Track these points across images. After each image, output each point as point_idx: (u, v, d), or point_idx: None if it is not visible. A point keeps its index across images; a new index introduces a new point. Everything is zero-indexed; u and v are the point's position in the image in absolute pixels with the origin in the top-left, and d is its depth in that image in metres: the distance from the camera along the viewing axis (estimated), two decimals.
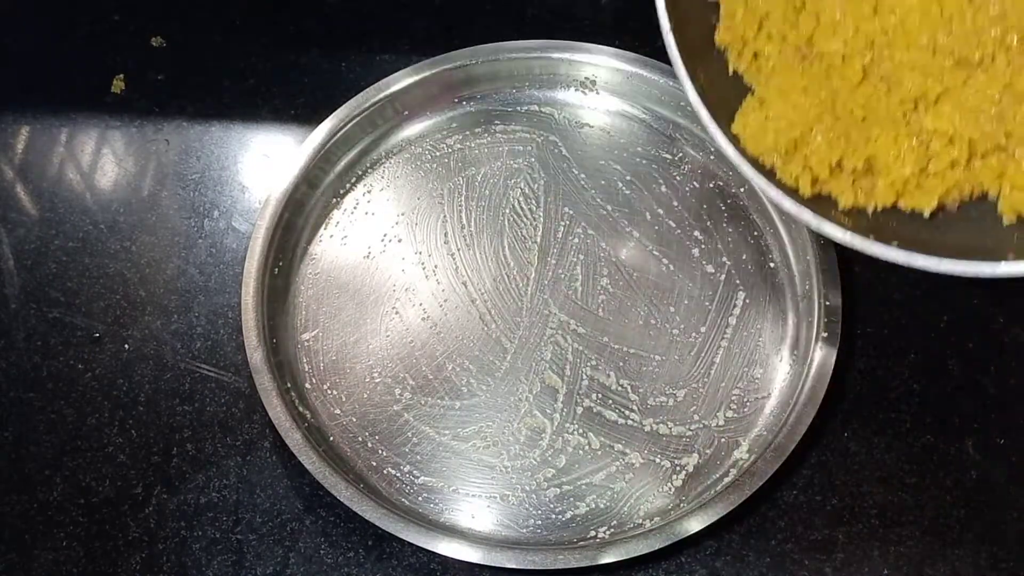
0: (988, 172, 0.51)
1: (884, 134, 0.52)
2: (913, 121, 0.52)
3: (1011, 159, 0.50)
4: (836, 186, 0.53)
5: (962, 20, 0.51)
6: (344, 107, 0.70)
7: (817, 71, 0.54)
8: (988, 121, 0.50)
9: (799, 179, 0.53)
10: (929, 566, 0.60)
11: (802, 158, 0.53)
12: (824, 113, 0.53)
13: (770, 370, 0.64)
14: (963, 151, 0.50)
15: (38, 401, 0.64)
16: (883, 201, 0.52)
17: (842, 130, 0.53)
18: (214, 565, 0.59)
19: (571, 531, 0.59)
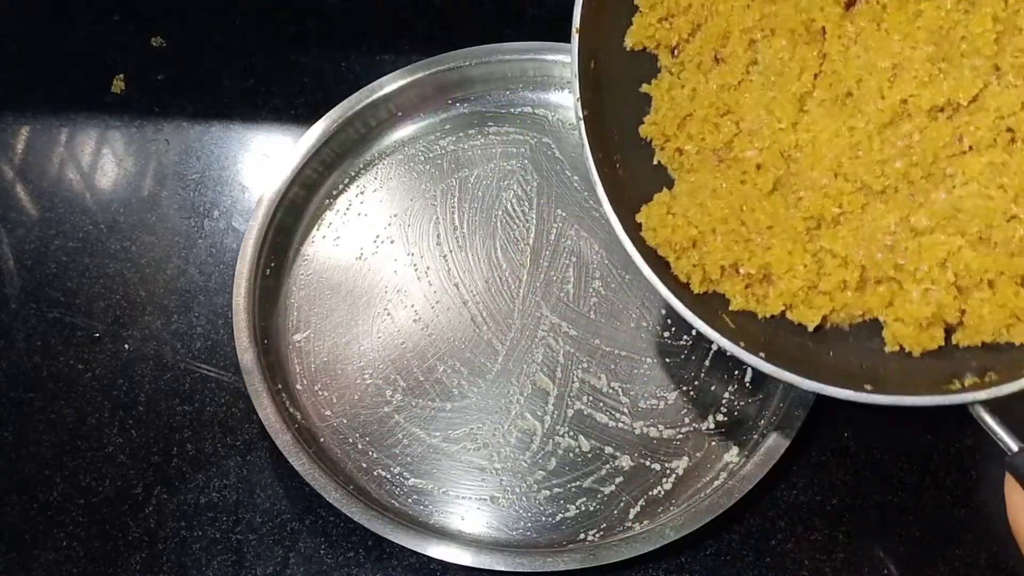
0: (878, 299, 0.51)
1: (781, 246, 0.52)
2: (813, 238, 0.53)
3: (900, 291, 0.51)
4: (729, 287, 0.54)
5: (869, 148, 0.51)
6: (337, 108, 0.71)
7: (731, 175, 0.55)
8: (880, 250, 0.51)
9: (691, 275, 0.54)
10: (929, 566, 0.60)
11: (697, 256, 0.54)
12: (730, 217, 0.53)
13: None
14: (854, 275, 0.51)
15: (38, 401, 0.65)
16: (772, 309, 0.53)
17: (744, 235, 0.53)
18: (214, 565, 0.60)
19: (561, 533, 0.60)
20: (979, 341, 0.50)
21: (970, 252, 0.49)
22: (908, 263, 0.50)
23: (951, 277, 0.49)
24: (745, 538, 0.61)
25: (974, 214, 0.49)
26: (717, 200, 0.54)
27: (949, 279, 0.49)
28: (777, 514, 0.61)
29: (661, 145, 0.57)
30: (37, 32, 0.79)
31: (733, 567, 0.60)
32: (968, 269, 0.48)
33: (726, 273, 0.54)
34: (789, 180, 0.54)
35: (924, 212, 0.50)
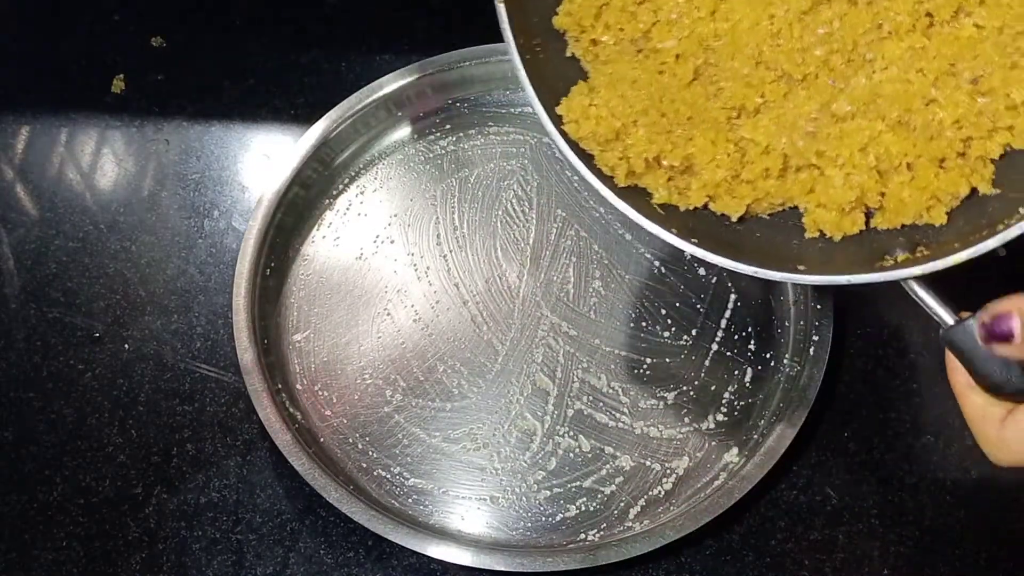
0: (799, 186, 0.52)
1: (704, 137, 0.52)
2: (735, 128, 0.53)
3: (821, 177, 0.51)
4: (651, 181, 0.54)
5: (789, 36, 0.52)
6: (337, 108, 0.70)
7: (650, 66, 0.54)
8: (802, 138, 0.51)
9: (615, 169, 0.53)
10: (929, 566, 0.60)
11: (621, 148, 0.53)
12: (650, 108, 0.53)
13: (761, 373, 0.64)
14: (776, 163, 0.52)
15: (38, 401, 0.65)
16: (695, 201, 0.53)
17: (665, 127, 0.53)
18: (214, 565, 0.60)
19: (561, 534, 0.60)
20: (899, 224, 0.51)
21: (890, 136, 0.49)
22: (830, 149, 0.50)
23: (872, 161, 0.50)
24: (745, 538, 0.61)
25: (894, 99, 0.49)
26: (637, 91, 0.54)
27: (870, 163, 0.50)
28: (777, 514, 0.61)
29: (576, 36, 0.56)
30: (37, 32, 0.79)
31: (733, 567, 0.60)
32: (888, 153, 0.49)
33: (649, 166, 0.53)
34: (709, 70, 0.54)
35: (845, 98, 0.51)
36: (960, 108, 0.48)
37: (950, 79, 0.49)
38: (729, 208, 0.53)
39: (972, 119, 0.49)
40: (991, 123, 0.48)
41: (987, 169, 0.49)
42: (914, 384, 0.65)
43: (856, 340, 0.67)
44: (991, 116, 0.48)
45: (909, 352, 0.66)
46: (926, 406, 0.65)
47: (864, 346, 0.66)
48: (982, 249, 0.46)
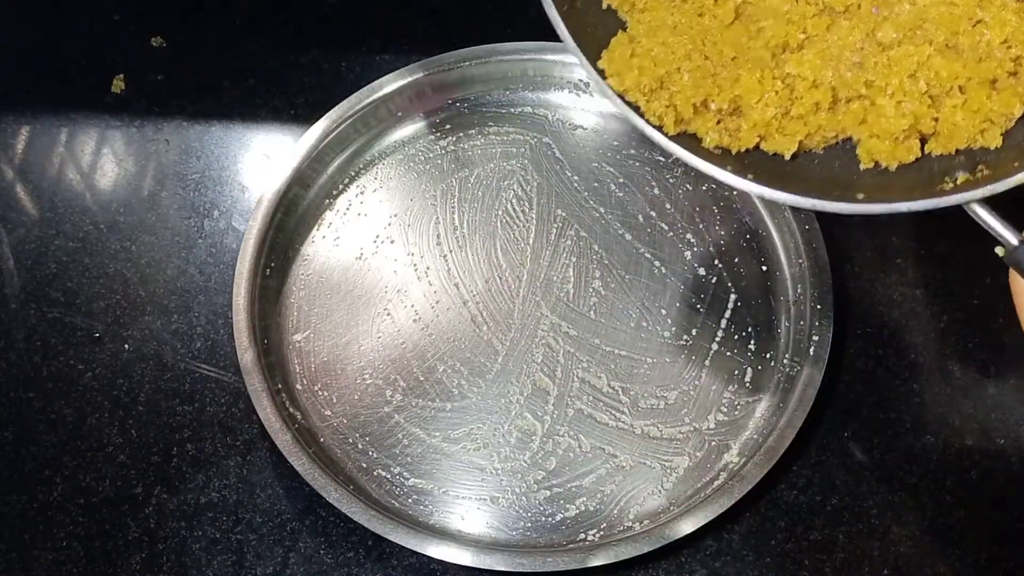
0: (850, 118, 0.52)
1: (750, 76, 0.52)
2: (780, 65, 0.53)
3: (872, 107, 0.51)
4: (701, 125, 0.53)
5: None
6: (337, 108, 0.70)
7: (689, 10, 0.54)
8: (849, 69, 0.51)
9: (663, 117, 0.53)
10: (929, 566, 0.60)
11: (667, 96, 0.53)
12: (693, 52, 0.53)
13: (761, 373, 0.64)
14: (826, 96, 0.51)
15: (38, 401, 0.65)
16: (746, 143, 0.53)
17: (710, 70, 0.53)
18: (214, 565, 0.60)
19: (561, 534, 0.60)
20: (953, 149, 0.51)
21: (939, 60, 0.49)
22: (878, 78, 0.50)
23: (923, 87, 0.50)
24: (745, 538, 0.61)
25: (939, 22, 0.49)
26: (678, 37, 0.53)
27: (921, 89, 0.50)
28: (777, 514, 0.61)
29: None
30: (37, 32, 0.79)
31: (733, 567, 0.60)
32: (939, 77, 0.49)
33: (697, 110, 0.53)
34: (748, 9, 0.54)
35: (889, 25, 0.51)
36: (1008, 27, 0.48)
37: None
38: (781, 146, 0.53)
39: (1021, 37, 0.48)
40: None
41: None
42: (914, 384, 0.65)
43: (856, 340, 0.67)
44: None
45: (909, 352, 0.66)
46: (926, 406, 0.65)
47: (864, 346, 0.66)
48: None
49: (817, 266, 0.65)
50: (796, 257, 0.66)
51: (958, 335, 0.67)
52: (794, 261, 0.66)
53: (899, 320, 0.67)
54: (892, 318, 0.67)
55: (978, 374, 0.65)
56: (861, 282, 0.69)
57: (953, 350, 0.66)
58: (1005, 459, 0.63)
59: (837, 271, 0.65)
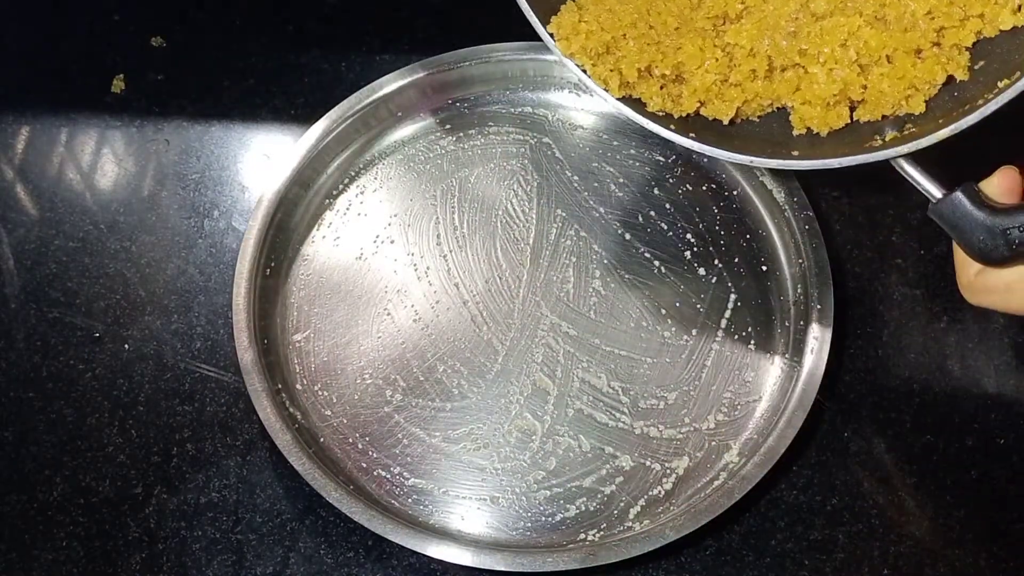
0: (785, 86, 0.54)
1: (691, 44, 0.55)
2: (720, 35, 0.55)
3: (805, 75, 0.54)
4: (645, 90, 0.56)
5: None
6: (337, 108, 0.70)
7: None
8: (784, 38, 0.53)
9: (608, 80, 0.56)
10: (929, 566, 0.60)
11: (612, 60, 0.56)
12: (638, 21, 0.56)
13: (761, 373, 0.64)
14: (762, 64, 0.54)
15: (38, 401, 0.65)
16: (688, 108, 0.56)
17: (654, 38, 0.56)
18: (214, 565, 0.60)
19: (561, 534, 0.60)
20: (880, 115, 0.53)
21: (868, 30, 0.52)
22: (811, 47, 0.53)
23: (853, 56, 0.52)
24: (745, 538, 0.61)
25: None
26: (624, 5, 0.57)
27: (851, 58, 0.52)
28: (777, 514, 0.61)
29: None
30: (37, 32, 0.79)
31: (733, 567, 0.60)
32: (868, 47, 0.52)
33: (642, 76, 0.56)
34: None
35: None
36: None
37: None
38: (720, 112, 0.55)
39: (944, 9, 0.51)
40: (962, 12, 0.51)
41: (962, 56, 0.52)
42: (914, 384, 0.65)
43: (856, 340, 0.67)
44: (962, 5, 0.51)
45: (909, 352, 0.66)
46: (926, 406, 0.65)
47: (864, 346, 0.66)
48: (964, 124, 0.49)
49: (817, 266, 0.65)
50: (796, 257, 0.66)
51: (958, 334, 0.67)
52: (794, 261, 0.66)
53: (899, 320, 0.67)
54: (892, 318, 0.67)
55: (978, 374, 0.66)
56: (861, 282, 0.69)
57: (953, 349, 0.66)
58: (1005, 459, 0.63)
59: (837, 271, 0.65)
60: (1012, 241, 0.48)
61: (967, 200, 0.49)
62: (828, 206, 0.70)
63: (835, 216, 0.70)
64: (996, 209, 0.49)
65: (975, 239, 0.49)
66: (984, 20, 0.51)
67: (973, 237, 0.49)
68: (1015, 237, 0.48)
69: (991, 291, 0.51)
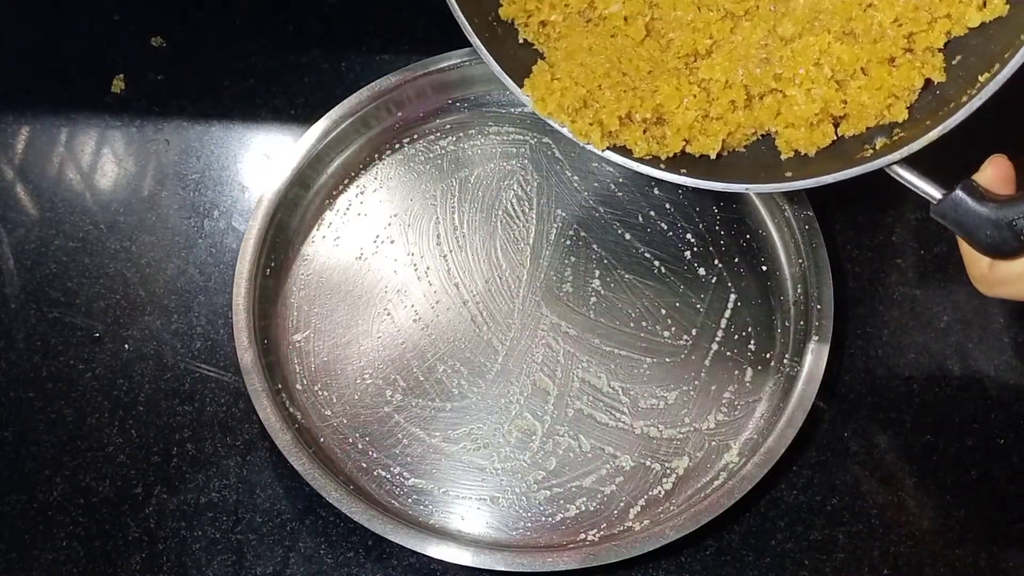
0: (766, 112, 0.55)
1: (667, 84, 0.55)
2: (694, 72, 0.56)
3: (784, 99, 0.54)
4: (628, 137, 0.57)
5: None
6: (337, 108, 0.70)
7: (602, 32, 0.57)
8: (757, 65, 0.54)
9: (590, 134, 0.56)
10: (929, 566, 0.60)
11: (591, 113, 0.56)
12: (611, 70, 0.56)
13: (761, 373, 0.64)
14: (740, 94, 0.54)
15: (38, 401, 0.65)
16: (674, 148, 0.56)
17: (629, 84, 0.56)
18: (214, 565, 0.60)
19: (561, 533, 0.60)
20: (864, 128, 0.54)
21: (839, 46, 0.52)
22: (785, 70, 0.53)
23: (828, 73, 0.52)
24: (745, 538, 0.61)
25: (833, 11, 0.52)
26: (595, 56, 0.56)
27: (826, 75, 0.52)
28: (777, 514, 0.61)
29: (524, 22, 0.59)
30: (37, 32, 0.79)
31: (733, 567, 0.60)
32: (841, 62, 0.52)
33: (623, 123, 0.56)
34: (657, 24, 0.58)
35: (788, 20, 0.54)
36: (896, 7, 0.51)
37: None
38: (706, 147, 0.55)
39: (910, 15, 0.51)
40: (929, 15, 0.51)
41: (936, 58, 0.52)
42: (914, 384, 0.65)
43: (856, 340, 0.67)
44: (927, 9, 0.51)
45: (909, 352, 0.66)
46: (926, 405, 0.65)
47: (864, 346, 0.66)
48: (952, 123, 0.49)
49: (817, 266, 0.65)
50: (796, 257, 0.66)
51: (958, 335, 0.67)
52: (794, 261, 0.66)
53: (899, 320, 0.67)
54: (892, 318, 0.67)
55: (978, 374, 0.66)
56: (861, 282, 0.69)
57: (953, 350, 0.66)
58: (1005, 459, 0.63)
59: (837, 271, 0.65)
60: (1019, 231, 0.48)
61: (968, 197, 0.49)
62: (828, 206, 0.70)
63: (835, 216, 0.70)
64: (999, 202, 0.49)
65: (982, 235, 0.49)
66: (952, 20, 0.51)
67: (980, 233, 0.49)
68: (1022, 227, 0.48)
69: (1006, 282, 0.50)
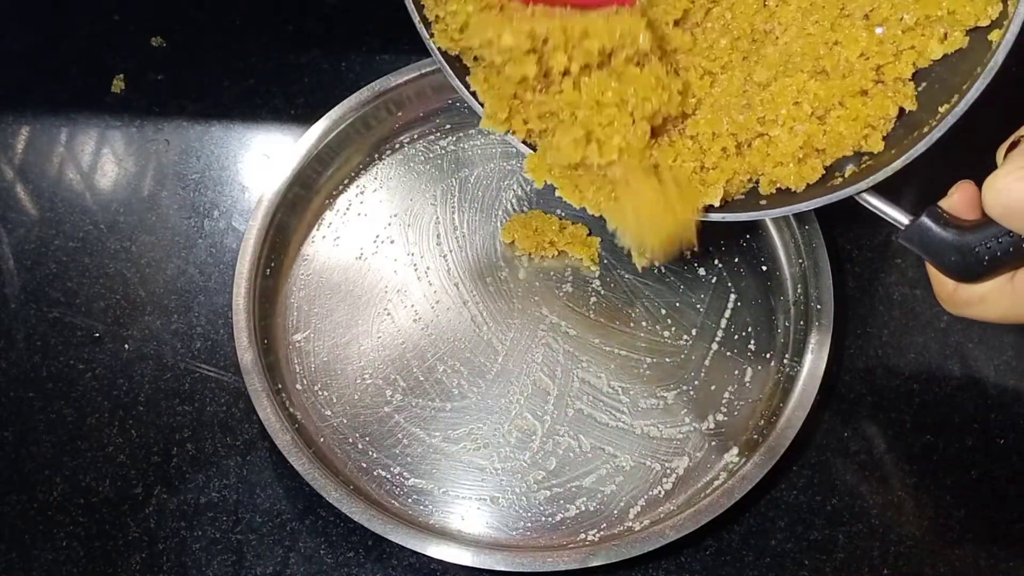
0: (756, 155, 0.55)
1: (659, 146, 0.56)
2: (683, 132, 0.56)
3: (770, 141, 0.55)
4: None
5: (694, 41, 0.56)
6: (338, 108, 0.70)
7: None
8: (740, 112, 0.55)
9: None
10: (929, 566, 0.60)
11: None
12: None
13: (760, 373, 0.64)
14: (730, 142, 0.55)
15: (38, 401, 0.65)
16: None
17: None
18: (214, 565, 0.60)
19: (561, 533, 0.60)
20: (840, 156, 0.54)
21: (814, 84, 0.53)
22: (767, 113, 0.54)
23: (808, 110, 0.53)
24: (745, 538, 0.61)
25: (803, 53, 0.54)
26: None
27: (807, 112, 0.53)
28: (777, 514, 0.61)
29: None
30: (37, 32, 0.79)
31: (733, 567, 0.60)
32: (818, 98, 0.53)
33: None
34: None
35: (761, 67, 0.55)
36: (860, 42, 0.52)
37: (845, 20, 0.53)
38: (708, 196, 0.55)
39: (875, 49, 0.52)
40: (894, 48, 0.52)
41: (907, 87, 0.53)
42: (914, 384, 0.65)
43: (856, 340, 0.67)
44: (892, 42, 0.52)
45: (909, 352, 0.66)
46: (926, 406, 0.65)
47: (864, 346, 0.66)
48: (915, 153, 0.50)
49: (817, 266, 0.65)
50: (796, 257, 0.66)
51: (958, 335, 0.67)
52: (794, 261, 0.66)
53: (899, 320, 0.67)
54: (892, 318, 0.67)
55: (978, 374, 0.66)
56: (861, 282, 0.69)
57: (953, 350, 0.66)
58: (1005, 459, 0.63)
59: (837, 271, 0.65)
60: (982, 258, 0.49)
61: (933, 224, 0.50)
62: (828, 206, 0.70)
63: (835, 216, 0.70)
64: (962, 228, 0.50)
65: (947, 260, 0.50)
66: (917, 52, 0.52)
67: (945, 258, 0.50)
68: (983, 253, 0.49)
69: (970, 304, 0.52)
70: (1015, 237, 0.47)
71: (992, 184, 0.46)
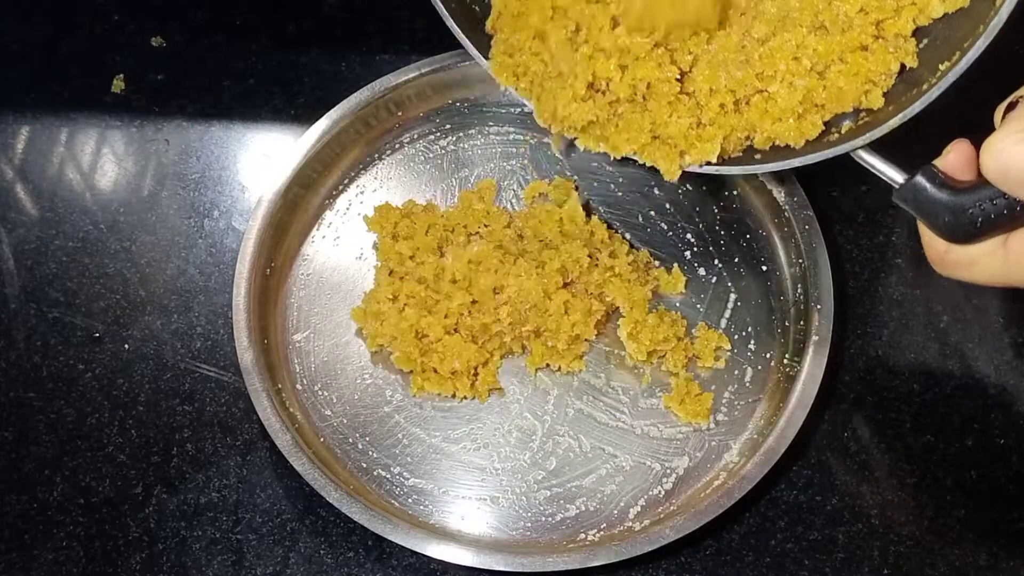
0: (755, 111, 0.56)
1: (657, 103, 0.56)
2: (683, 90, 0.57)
3: (769, 97, 0.55)
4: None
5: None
6: (338, 108, 0.70)
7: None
8: (738, 68, 0.55)
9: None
10: (929, 566, 0.60)
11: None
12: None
13: (761, 373, 0.64)
14: (728, 98, 0.55)
15: (38, 401, 0.65)
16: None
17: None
18: (214, 565, 0.60)
19: (561, 533, 0.60)
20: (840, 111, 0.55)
21: (813, 39, 0.54)
22: (766, 68, 0.54)
23: (808, 64, 0.54)
24: (745, 538, 0.61)
25: (801, 8, 0.54)
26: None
27: (806, 67, 0.54)
28: (777, 514, 0.61)
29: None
30: (37, 32, 0.79)
31: (733, 567, 0.60)
32: (818, 54, 0.54)
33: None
34: None
35: (760, 23, 0.55)
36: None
37: None
38: (706, 152, 0.56)
39: (874, 3, 0.53)
40: (894, 3, 0.52)
41: (908, 44, 0.53)
42: (914, 384, 0.65)
43: (856, 340, 0.67)
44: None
45: (909, 352, 0.66)
46: (926, 406, 0.65)
47: (864, 346, 0.66)
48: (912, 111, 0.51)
49: (817, 266, 0.65)
50: (796, 257, 0.66)
51: (958, 335, 0.67)
52: (794, 261, 0.66)
53: (899, 320, 0.67)
54: (892, 318, 0.67)
55: (978, 374, 0.66)
56: (861, 282, 0.69)
57: (953, 350, 0.66)
58: (1005, 459, 0.63)
59: (837, 271, 0.65)
60: (975, 219, 0.49)
61: (928, 183, 0.50)
62: (828, 206, 0.70)
63: (835, 216, 0.70)
64: (957, 189, 0.50)
65: (940, 221, 0.50)
66: (917, 8, 0.52)
67: (938, 219, 0.50)
68: (977, 215, 0.49)
69: (960, 265, 0.52)
70: (1009, 199, 0.47)
71: (990, 147, 0.46)
